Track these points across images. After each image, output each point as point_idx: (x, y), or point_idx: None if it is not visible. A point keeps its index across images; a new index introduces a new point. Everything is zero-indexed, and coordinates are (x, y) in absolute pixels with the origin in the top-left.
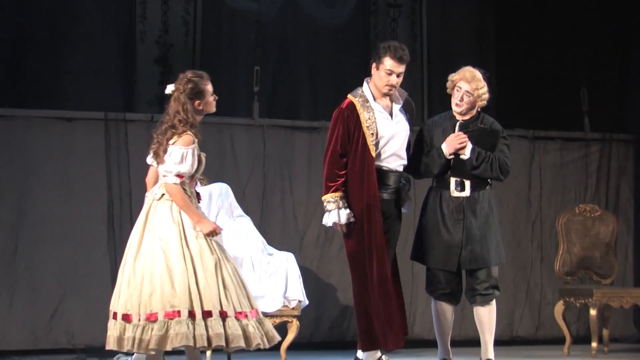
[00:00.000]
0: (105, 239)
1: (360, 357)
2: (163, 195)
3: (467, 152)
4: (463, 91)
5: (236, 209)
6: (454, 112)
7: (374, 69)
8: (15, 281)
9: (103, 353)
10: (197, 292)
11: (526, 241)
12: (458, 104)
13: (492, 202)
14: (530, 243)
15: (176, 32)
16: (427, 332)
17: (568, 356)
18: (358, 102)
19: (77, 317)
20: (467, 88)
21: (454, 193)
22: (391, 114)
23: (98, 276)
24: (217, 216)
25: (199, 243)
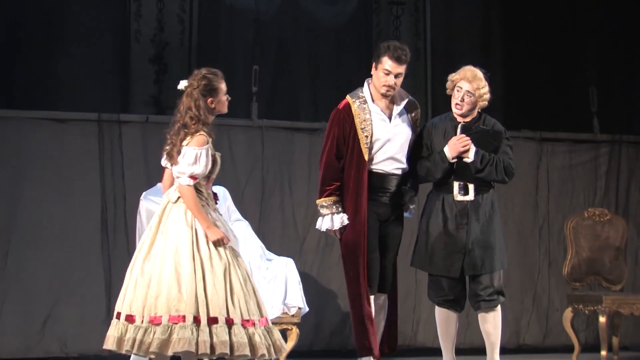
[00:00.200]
0: (99, 244)
1: None
2: (179, 198)
3: (471, 155)
4: (464, 91)
5: (234, 213)
6: (455, 114)
7: (373, 69)
8: (6, 287)
9: None
10: (204, 298)
11: (533, 246)
12: (459, 105)
13: (495, 205)
14: (537, 248)
15: (172, 31)
16: (431, 341)
17: None
18: (354, 103)
19: (71, 324)
20: (468, 88)
21: (458, 197)
22: (390, 116)
23: (92, 282)
24: None
25: (210, 247)
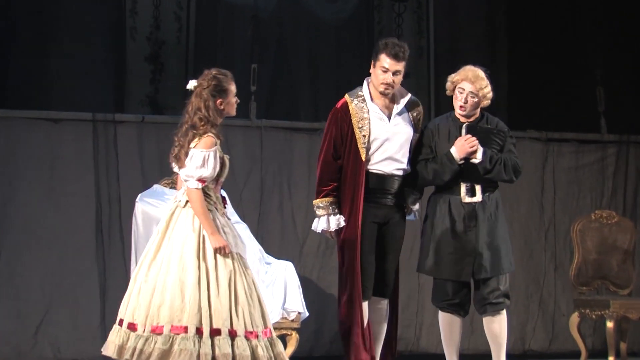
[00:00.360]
0: (93, 247)
1: None
2: (187, 202)
3: (479, 156)
4: (467, 92)
5: (232, 216)
6: (458, 115)
7: (372, 67)
8: None
9: None
10: (208, 308)
11: (539, 249)
12: (463, 107)
13: (500, 206)
14: (543, 251)
15: (168, 28)
16: (435, 346)
17: None
18: (352, 102)
19: (64, 330)
20: (471, 89)
21: (466, 199)
22: (390, 116)
23: (86, 286)
24: None
25: (217, 255)
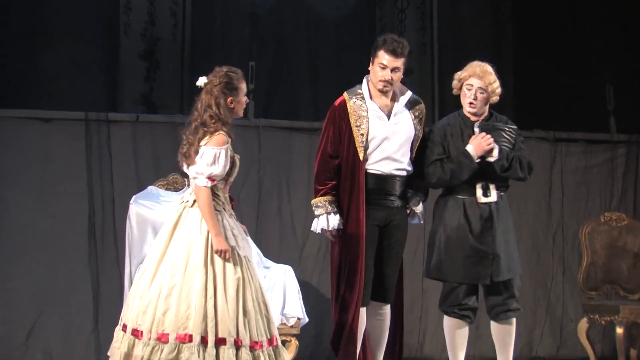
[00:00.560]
0: (86, 251)
1: None
2: (195, 201)
3: (496, 154)
4: (475, 88)
5: None
6: (467, 113)
7: (371, 64)
8: None
9: None
10: (214, 316)
11: (546, 253)
12: (472, 104)
13: (508, 206)
14: (550, 255)
15: (163, 24)
16: (439, 352)
17: None
18: (350, 100)
19: (56, 336)
20: (480, 84)
21: (481, 199)
22: (389, 114)
23: (78, 291)
24: None
25: (225, 260)
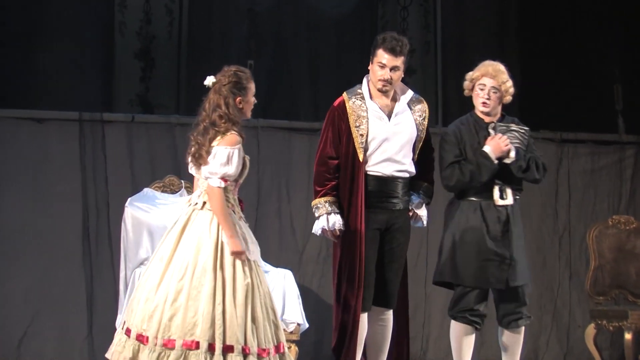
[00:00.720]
0: (80, 254)
1: None
2: (205, 203)
3: (513, 155)
4: (488, 88)
5: None
6: (480, 113)
7: (370, 63)
8: None
9: None
10: (222, 323)
11: (553, 257)
12: (486, 103)
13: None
14: (557, 259)
15: (159, 23)
16: (442, 359)
17: None
18: (350, 100)
19: (49, 341)
20: (493, 84)
21: (499, 202)
22: (390, 115)
23: (73, 294)
24: None
25: (236, 265)
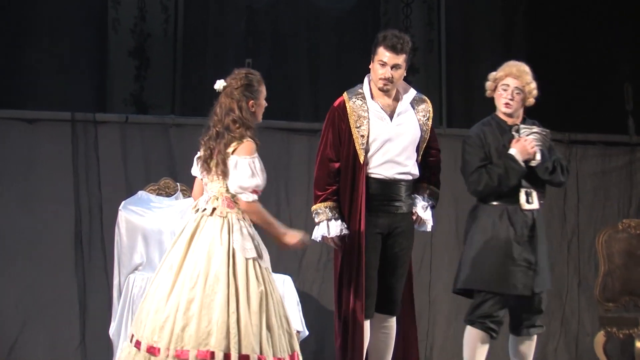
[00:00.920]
0: (72, 260)
1: None
2: (214, 210)
3: (538, 157)
4: (512, 88)
5: None
6: (503, 115)
7: (371, 62)
8: None
9: None
10: (237, 332)
11: (561, 262)
12: (509, 104)
13: None
14: (565, 265)
15: (154, 20)
16: None
17: None
18: (350, 100)
19: (40, 350)
20: (516, 84)
21: (525, 206)
22: (392, 115)
23: (64, 303)
24: None
25: (248, 272)
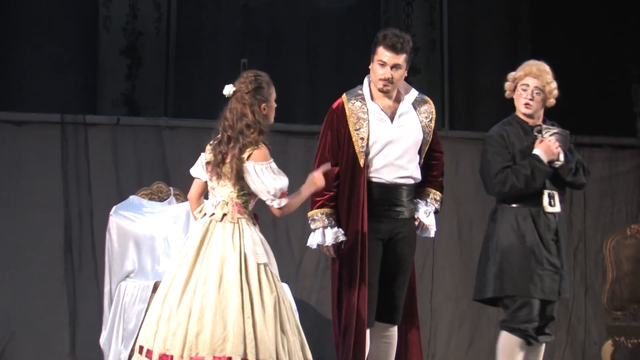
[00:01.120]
0: (61, 267)
1: None
2: (225, 215)
3: (562, 158)
4: (532, 88)
5: None
6: (523, 115)
7: (371, 62)
8: None
9: None
10: (253, 338)
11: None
12: (529, 105)
13: None
14: (571, 272)
15: (146, 18)
16: None
17: None
18: (349, 102)
19: (30, 359)
20: (536, 84)
21: (548, 208)
22: (393, 116)
23: (53, 311)
24: None
25: (261, 277)
